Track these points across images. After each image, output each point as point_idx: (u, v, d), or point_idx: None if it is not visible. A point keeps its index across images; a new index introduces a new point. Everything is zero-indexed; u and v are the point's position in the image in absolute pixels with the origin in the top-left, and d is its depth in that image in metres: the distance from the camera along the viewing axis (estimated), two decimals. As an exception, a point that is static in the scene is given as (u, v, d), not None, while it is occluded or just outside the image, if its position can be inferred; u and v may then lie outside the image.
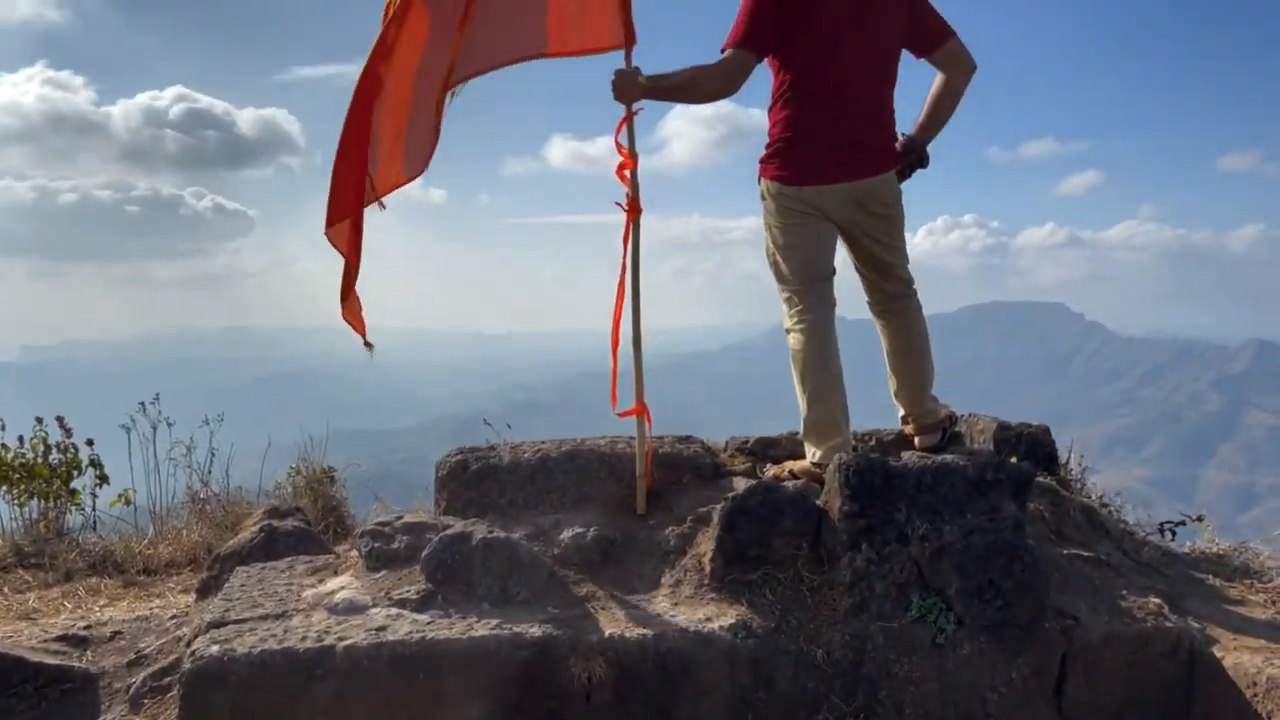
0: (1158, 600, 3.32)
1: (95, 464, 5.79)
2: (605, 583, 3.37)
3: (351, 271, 3.67)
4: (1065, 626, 3.13)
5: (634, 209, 3.69)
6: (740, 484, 3.72)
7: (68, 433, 5.78)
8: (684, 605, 3.20)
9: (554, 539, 3.54)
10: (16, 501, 5.60)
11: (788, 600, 3.16)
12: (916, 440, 4.08)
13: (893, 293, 3.96)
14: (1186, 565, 3.88)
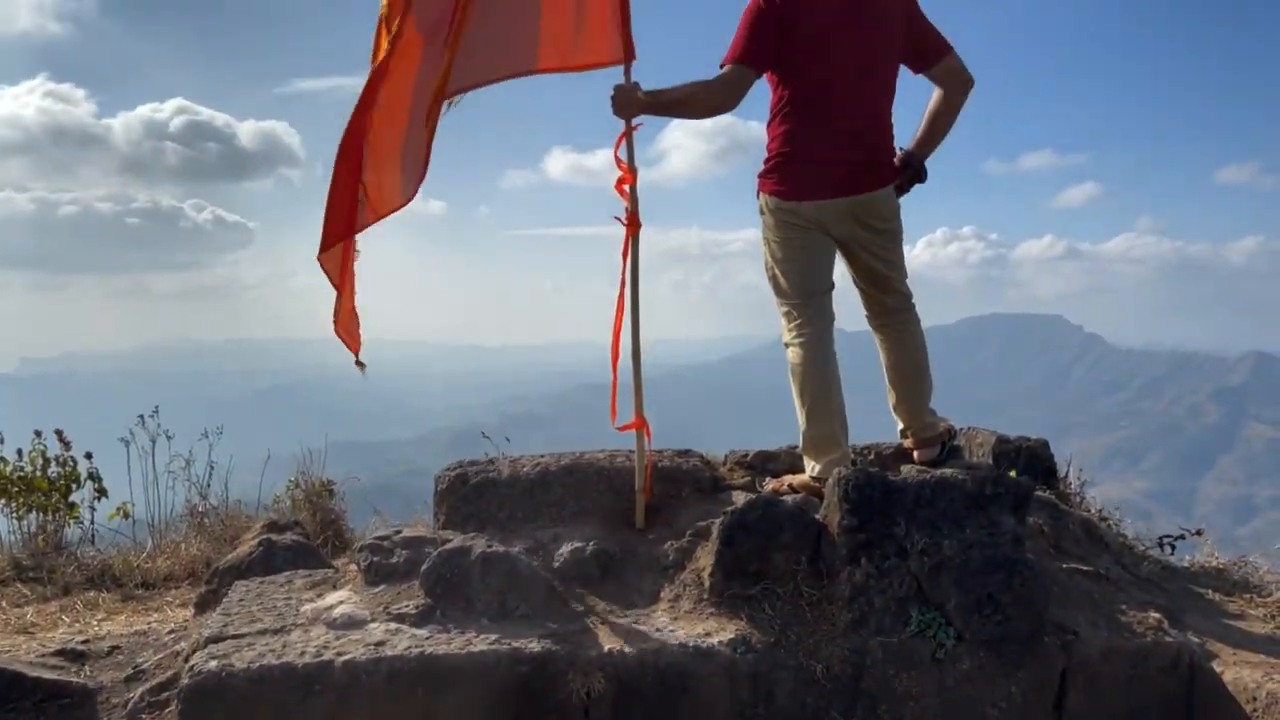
0: (1157, 615, 3.31)
1: (94, 477, 5.79)
2: (604, 597, 3.37)
3: (344, 296, 3.70)
4: (1065, 641, 3.13)
5: (633, 223, 3.70)
6: (739, 498, 3.72)
7: (66, 446, 5.78)
8: (683, 620, 3.20)
9: (553, 553, 3.53)
10: (15, 515, 5.60)
11: (787, 615, 3.16)
12: (915, 454, 4.08)
13: (891, 306, 3.97)
14: (1186, 579, 3.88)
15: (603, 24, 3.79)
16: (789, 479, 3.92)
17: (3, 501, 5.57)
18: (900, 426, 4.14)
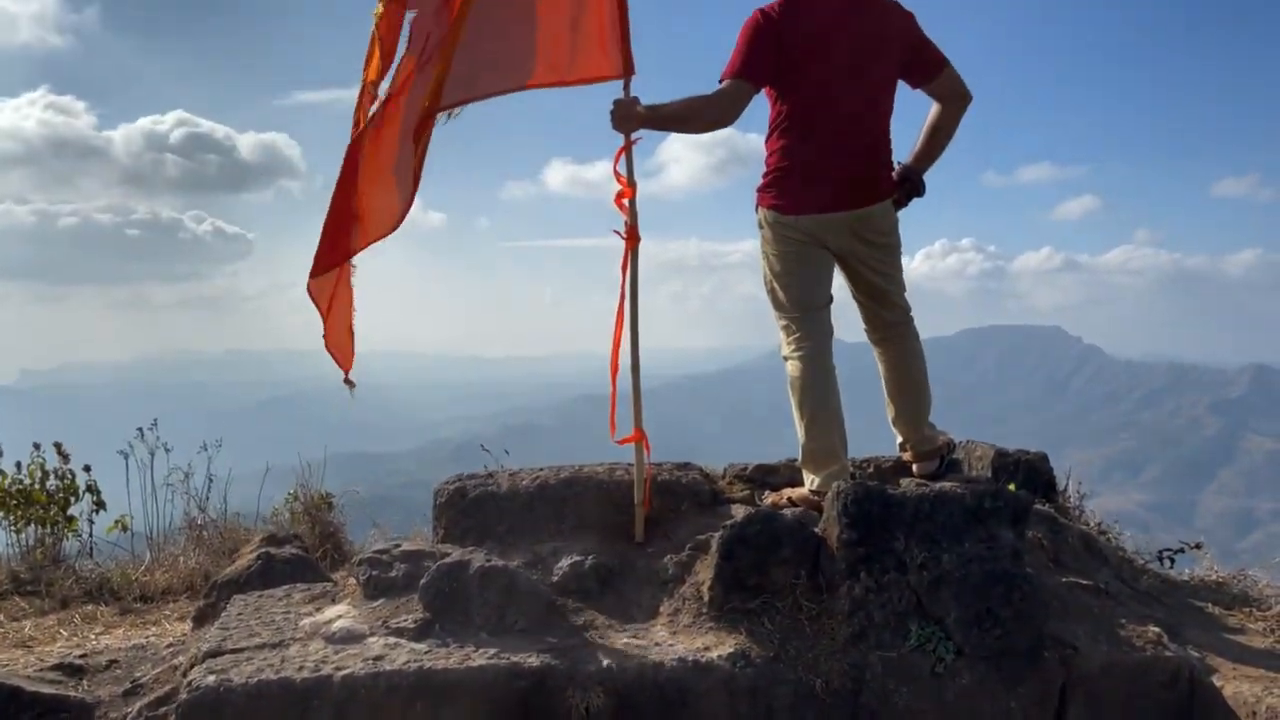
0: (1157, 629, 3.31)
1: (92, 490, 5.79)
2: (604, 611, 3.36)
3: (336, 318, 3.70)
4: (1065, 656, 3.12)
5: (632, 237, 3.71)
6: (739, 512, 3.72)
7: (65, 459, 5.78)
8: (682, 634, 3.20)
9: (552, 567, 3.53)
10: (13, 528, 5.59)
11: (786, 629, 3.16)
12: (915, 467, 4.08)
13: (890, 320, 3.97)
14: (1185, 593, 3.87)
15: (602, 39, 3.80)
16: (788, 492, 3.92)
17: (1, 514, 5.57)
18: (899, 440, 4.15)
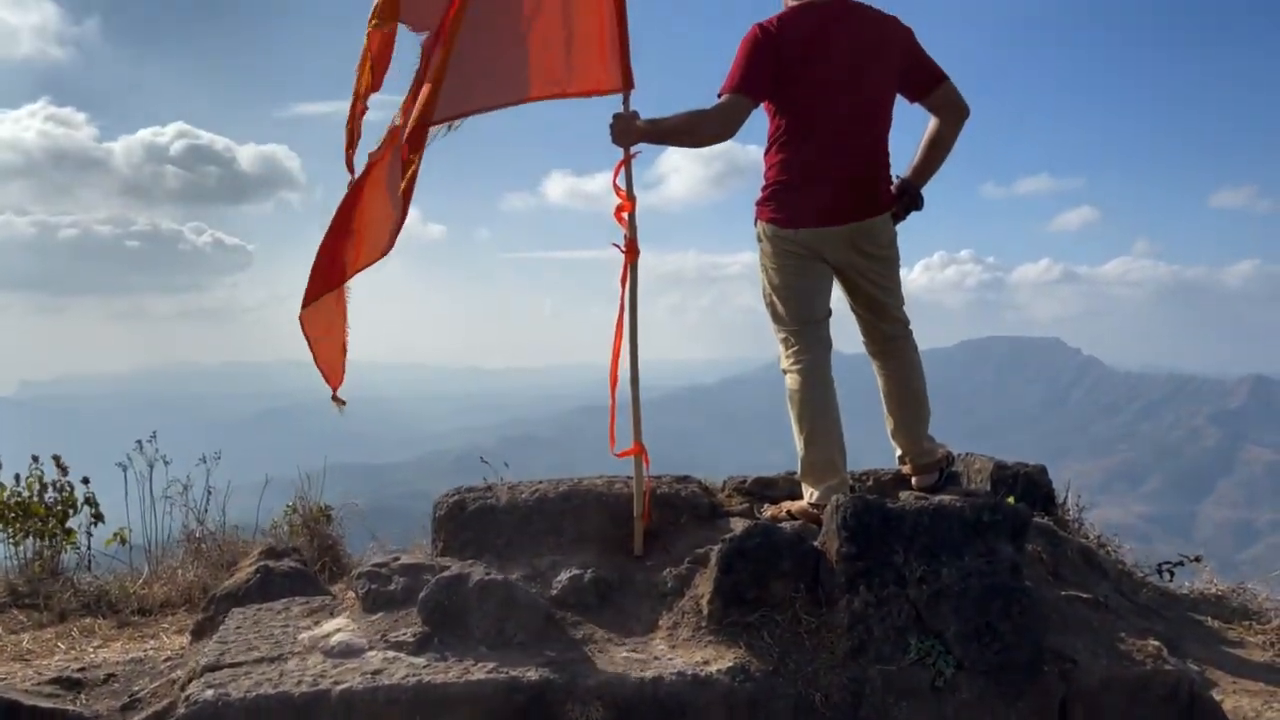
0: (1157, 643, 3.30)
1: (91, 502, 5.78)
2: (602, 625, 3.36)
3: (329, 338, 3.69)
4: (1064, 669, 3.12)
5: (632, 250, 3.72)
6: (738, 525, 3.72)
7: (63, 471, 5.78)
8: (681, 648, 3.19)
9: (551, 580, 3.52)
10: (12, 540, 5.58)
11: (786, 643, 3.15)
12: (914, 480, 4.08)
13: (889, 333, 3.98)
14: (1185, 606, 3.87)
15: (601, 52, 3.81)
16: (787, 505, 3.92)
17: (0, 526, 5.56)
18: (898, 453, 4.15)
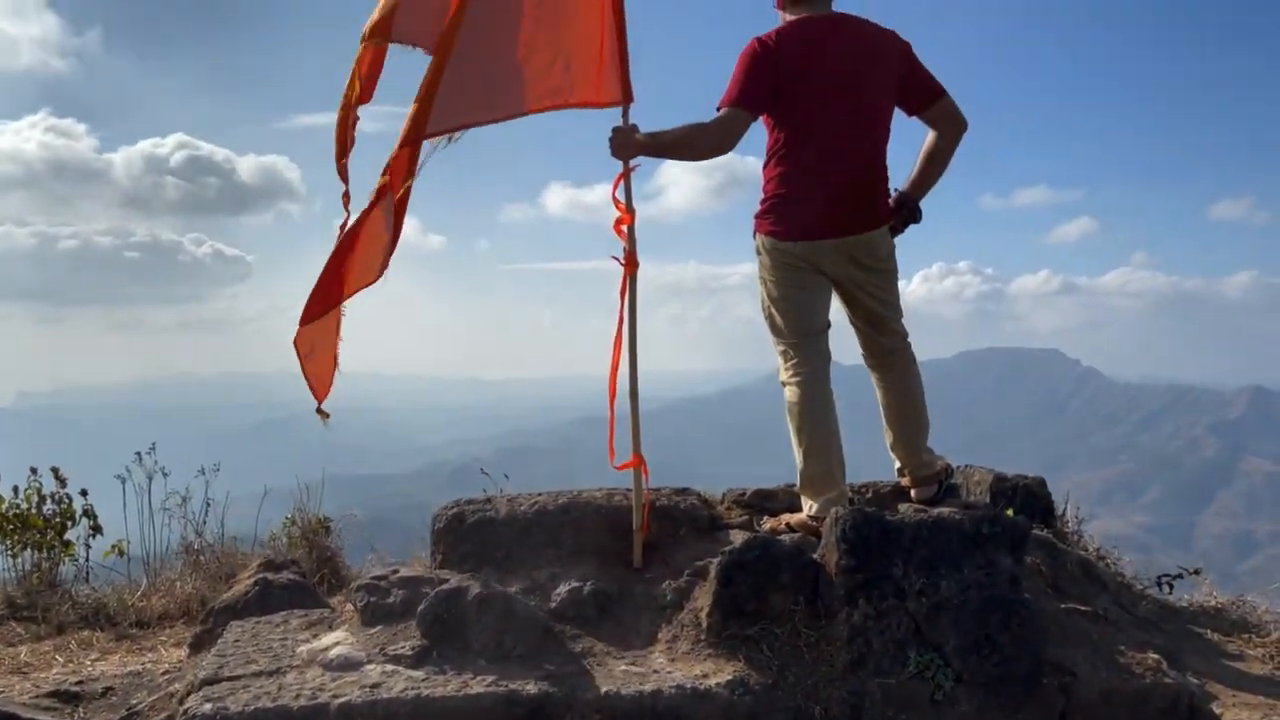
0: (1156, 655, 3.30)
1: (89, 514, 5.77)
2: (601, 638, 3.35)
3: (323, 355, 3.69)
4: (1064, 682, 3.11)
5: (631, 263, 3.73)
6: (737, 537, 3.71)
7: (62, 483, 5.77)
8: (681, 661, 3.18)
9: (550, 593, 3.52)
10: (10, 553, 5.57)
11: (785, 656, 3.14)
12: (913, 493, 4.08)
13: (887, 346, 3.98)
14: (1185, 619, 3.87)
15: (601, 65, 3.82)
16: (786, 518, 3.92)
17: (-1, 539, 5.56)
18: (897, 465, 4.15)
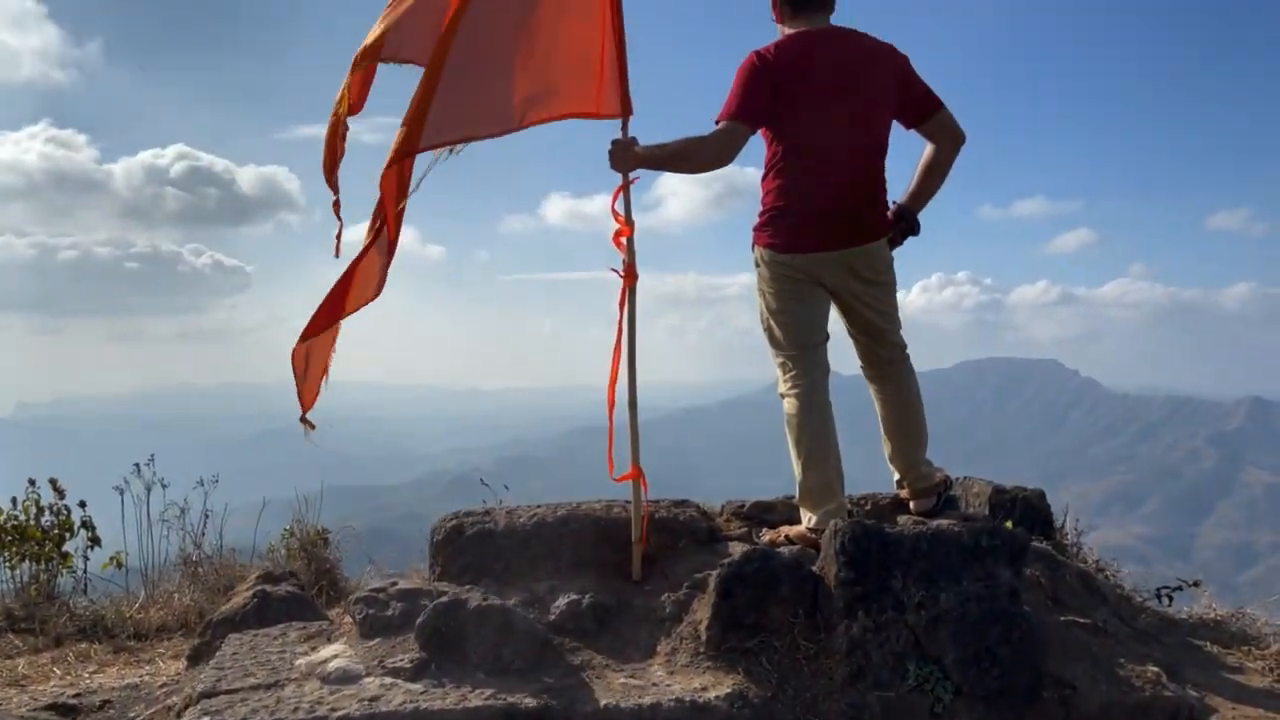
0: (1156, 668, 3.29)
1: (87, 526, 5.76)
2: (601, 651, 3.35)
3: (316, 368, 3.69)
4: (1064, 695, 3.11)
5: (630, 275, 3.73)
6: (736, 549, 3.71)
7: (60, 494, 5.76)
8: (680, 674, 3.18)
9: (549, 605, 3.52)
10: (8, 564, 5.56)
11: (785, 668, 3.14)
12: (912, 505, 4.08)
13: (886, 357, 3.99)
14: (1184, 631, 3.86)
15: (600, 78, 3.84)
16: (786, 530, 3.92)
17: (-3, 550, 5.55)
18: (896, 477, 4.15)
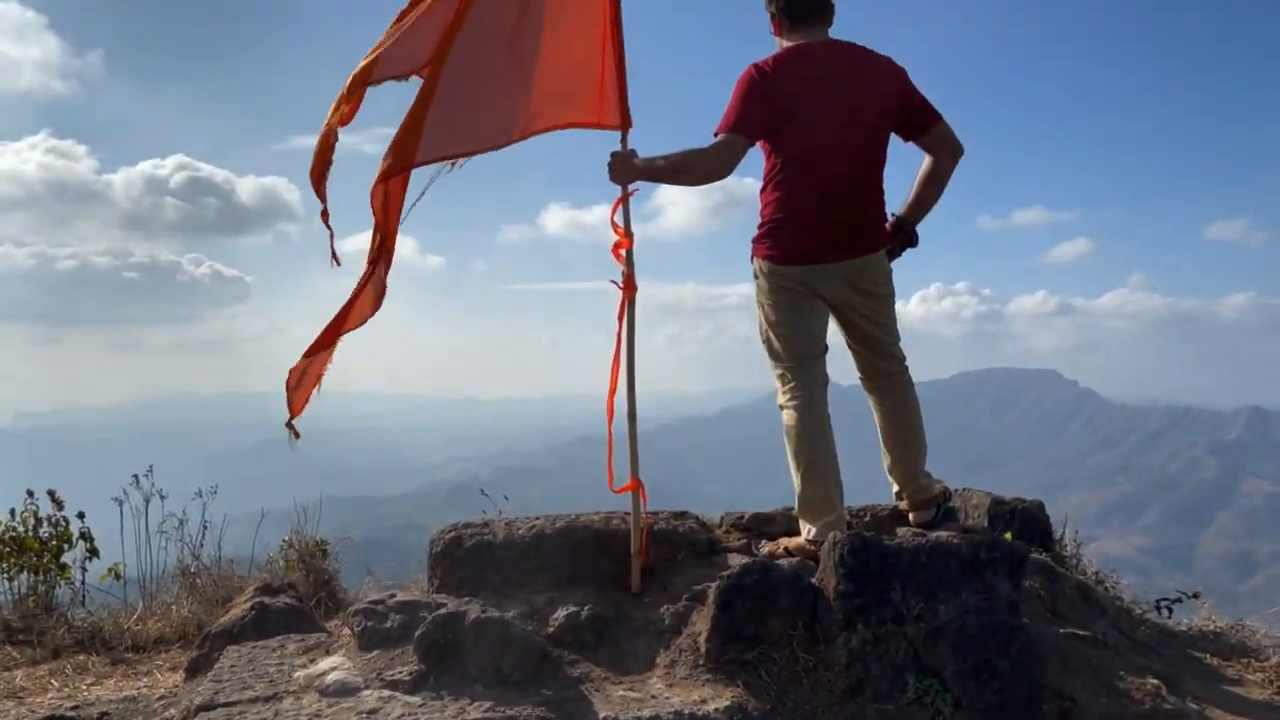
0: (1155, 680, 3.29)
1: (86, 537, 5.76)
2: (600, 663, 3.34)
3: (311, 377, 3.69)
4: (1063, 708, 3.10)
5: (629, 286, 3.74)
6: (736, 561, 3.71)
7: (59, 506, 5.76)
8: (679, 686, 3.17)
9: (548, 618, 3.51)
10: (6, 576, 5.56)
11: (784, 681, 3.13)
12: (911, 516, 4.08)
13: (885, 369, 3.99)
14: (1183, 643, 3.86)
15: (601, 90, 3.85)
16: (785, 542, 3.91)
17: (-5, 562, 5.54)
18: (895, 488, 4.14)
